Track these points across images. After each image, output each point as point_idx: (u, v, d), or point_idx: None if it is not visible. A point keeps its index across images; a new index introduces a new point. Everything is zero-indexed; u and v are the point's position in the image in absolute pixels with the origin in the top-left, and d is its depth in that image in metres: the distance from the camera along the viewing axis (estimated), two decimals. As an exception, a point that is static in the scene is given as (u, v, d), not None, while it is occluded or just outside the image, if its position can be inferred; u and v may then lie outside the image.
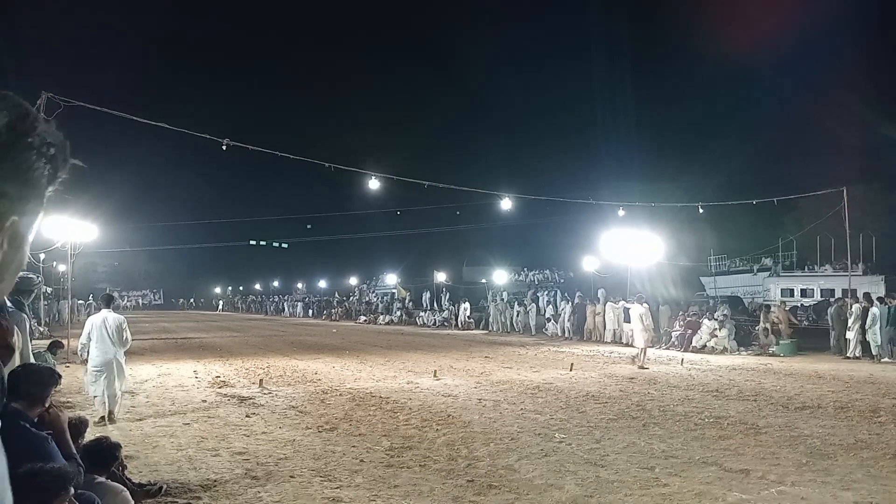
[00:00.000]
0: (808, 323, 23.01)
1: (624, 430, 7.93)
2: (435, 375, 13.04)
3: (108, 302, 8.99)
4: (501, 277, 40.06)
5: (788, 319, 19.70)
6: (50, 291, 35.14)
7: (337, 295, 55.35)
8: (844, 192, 19.54)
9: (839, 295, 22.83)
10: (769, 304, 25.61)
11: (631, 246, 23.40)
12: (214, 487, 5.58)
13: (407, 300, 44.74)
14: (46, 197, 0.84)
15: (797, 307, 24.02)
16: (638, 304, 15.97)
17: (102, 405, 8.33)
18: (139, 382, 12.13)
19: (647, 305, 16.04)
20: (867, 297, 18.04)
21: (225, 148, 13.49)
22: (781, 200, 24.00)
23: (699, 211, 23.79)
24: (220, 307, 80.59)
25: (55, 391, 4.00)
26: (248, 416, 8.85)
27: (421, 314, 39.31)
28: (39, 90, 12.09)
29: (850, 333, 17.72)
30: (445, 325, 35.37)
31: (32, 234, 0.85)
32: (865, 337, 17.22)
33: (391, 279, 52.62)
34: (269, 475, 5.93)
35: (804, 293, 27.70)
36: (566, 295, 28.67)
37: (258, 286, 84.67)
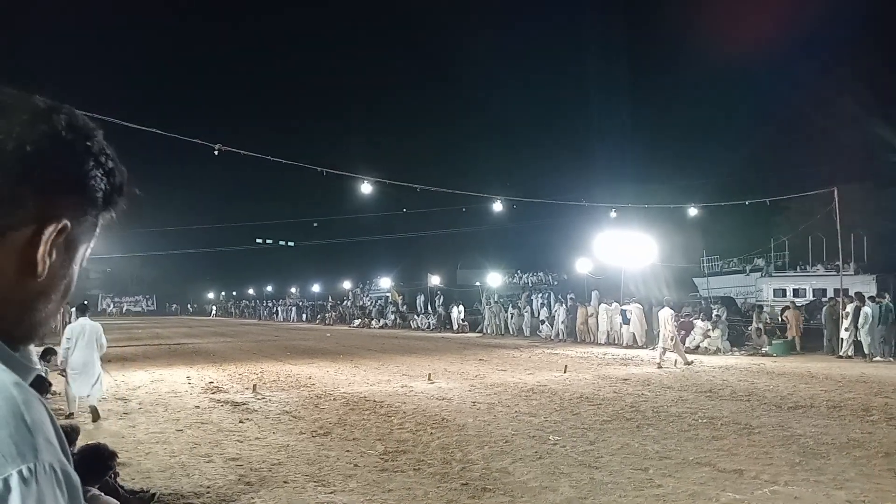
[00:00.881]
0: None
1: (618, 431, 7.94)
2: (429, 379, 13.03)
3: (83, 311, 10.06)
4: (495, 280, 40.10)
5: (798, 320, 19.74)
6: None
7: (331, 299, 55.23)
8: (835, 192, 19.65)
9: (831, 295, 22.94)
10: (761, 304, 25.74)
11: (624, 248, 23.53)
12: (207, 493, 5.56)
13: (401, 304, 44.69)
14: (101, 216, 0.79)
15: (788, 307, 24.10)
16: (667, 307, 16.77)
17: (76, 405, 9.19)
18: (132, 389, 12.08)
19: (673, 311, 16.89)
20: (859, 296, 18.14)
21: (217, 153, 13.45)
22: (773, 201, 24.13)
23: (691, 212, 23.89)
24: (213, 312, 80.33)
25: (45, 398, 3.96)
26: (241, 421, 8.82)
27: (415, 317, 39.27)
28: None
29: (843, 333, 17.82)
30: (440, 328, 35.36)
31: (85, 253, 0.79)
32: (858, 336, 17.32)
33: (385, 283, 52.56)
34: (262, 481, 5.91)
35: (796, 293, 27.80)
36: (560, 297, 28.69)
37: (251, 291, 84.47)
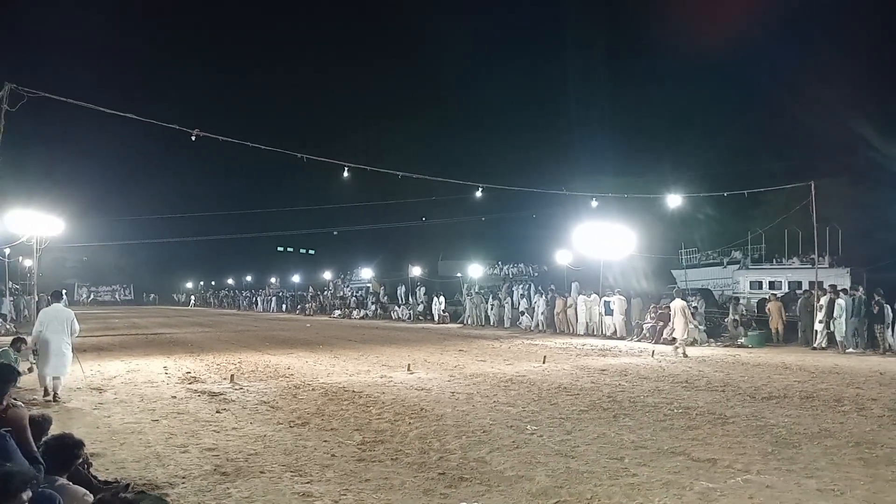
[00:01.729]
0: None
1: (595, 421, 8.00)
2: (409, 369, 13.03)
3: (57, 297, 10.82)
4: (476, 271, 40.17)
5: (781, 312, 20.00)
6: (16, 287, 34.38)
7: (311, 289, 54.99)
8: (812, 186, 19.91)
9: (806, 287, 23.27)
10: (738, 296, 26.04)
11: (603, 239, 23.68)
12: (183, 484, 5.51)
13: (382, 294, 44.63)
14: None
15: (765, 299, 24.41)
16: (679, 298, 17.54)
17: (50, 384, 9.77)
18: (107, 379, 11.95)
19: (685, 301, 17.66)
20: (833, 288, 18.43)
21: (194, 139, 13.29)
22: (751, 194, 24.33)
23: (670, 204, 24.07)
24: (192, 302, 79.57)
25: (14, 389, 3.91)
26: (218, 411, 8.76)
27: (396, 308, 39.26)
28: (2, 81, 11.80)
29: (817, 325, 18.10)
30: (420, 319, 35.38)
31: None
32: (831, 328, 17.61)
33: (366, 273, 52.45)
34: (238, 471, 5.88)
35: (772, 285, 28.13)
36: (540, 288, 28.84)
37: (231, 281, 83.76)
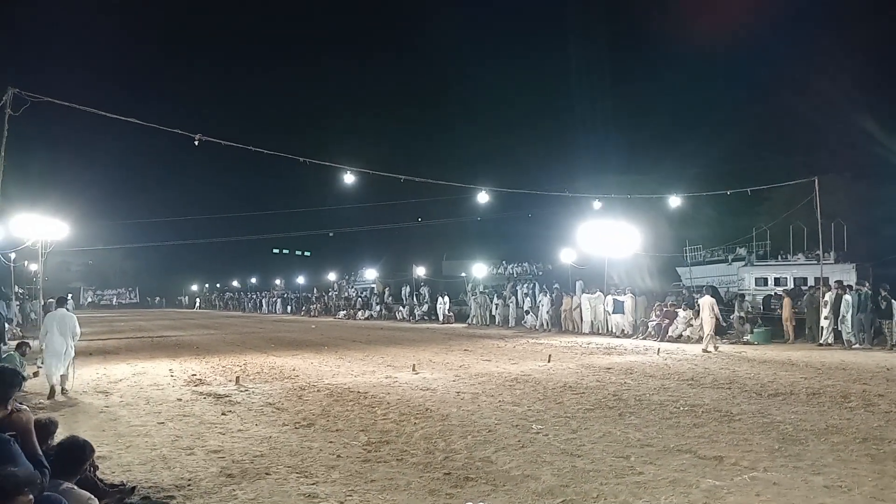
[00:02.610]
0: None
1: (600, 419, 7.99)
2: (414, 369, 13.03)
3: (62, 302, 11.34)
4: (480, 271, 40.19)
5: (791, 309, 19.94)
6: (22, 291, 34.48)
7: (316, 291, 55.06)
8: (816, 182, 19.85)
9: (812, 283, 23.20)
10: (743, 293, 25.99)
11: (608, 238, 23.64)
12: (189, 486, 5.51)
13: (386, 295, 44.65)
14: None
15: (770, 296, 24.36)
16: (708, 295, 17.94)
17: (56, 383, 10.47)
18: (113, 382, 11.97)
19: (713, 298, 18.00)
20: (839, 284, 18.36)
21: (197, 143, 13.32)
22: (755, 191, 24.29)
23: (674, 202, 24.02)
24: (197, 305, 79.74)
25: (19, 393, 3.92)
26: (224, 413, 8.77)
27: (400, 309, 39.26)
28: (6, 86, 11.83)
29: (822, 321, 18.04)
30: (425, 319, 35.38)
31: None
32: (837, 324, 17.54)
33: (370, 274, 52.50)
34: (244, 473, 5.88)
35: (777, 282, 28.08)
36: (544, 287, 28.82)
37: (235, 283, 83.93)
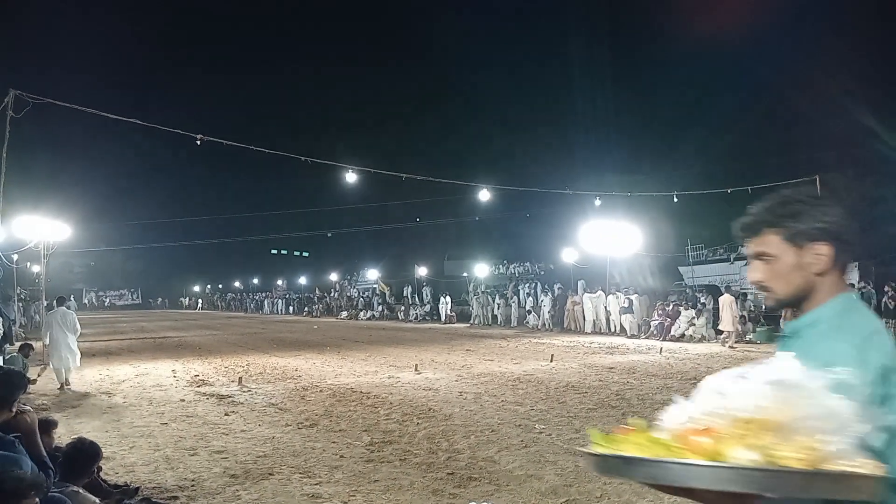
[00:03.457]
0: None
1: (603, 419, 7.99)
2: (416, 369, 13.04)
3: (61, 301, 12.54)
4: (482, 271, 40.13)
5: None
6: (25, 293, 34.53)
7: (318, 291, 55.05)
8: (817, 180, 19.82)
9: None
10: (746, 292, 25.93)
11: (609, 237, 23.63)
12: (192, 487, 5.52)
13: (388, 295, 44.64)
14: None
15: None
16: (727, 293, 18.65)
17: (60, 375, 11.37)
18: (116, 383, 11.99)
19: (733, 297, 18.70)
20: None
21: (199, 143, 13.33)
22: (756, 189, 24.22)
23: (675, 200, 24.00)
24: (199, 305, 79.79)
25: (23, 395, 3.92)
26: (226, 414, 8.78)
27: (402, 309, 39.27)
28: (7, 87, 11.86)
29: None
30: (427, 319, 35.38)
31: None
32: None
33: (372, 274, 52.45)
34: (247, 473, 5.89)
35: (780, 281, 28.04)
36: (546, 287, 28.81)
37: (238, 283, 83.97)
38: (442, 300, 34.21)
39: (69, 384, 11.35)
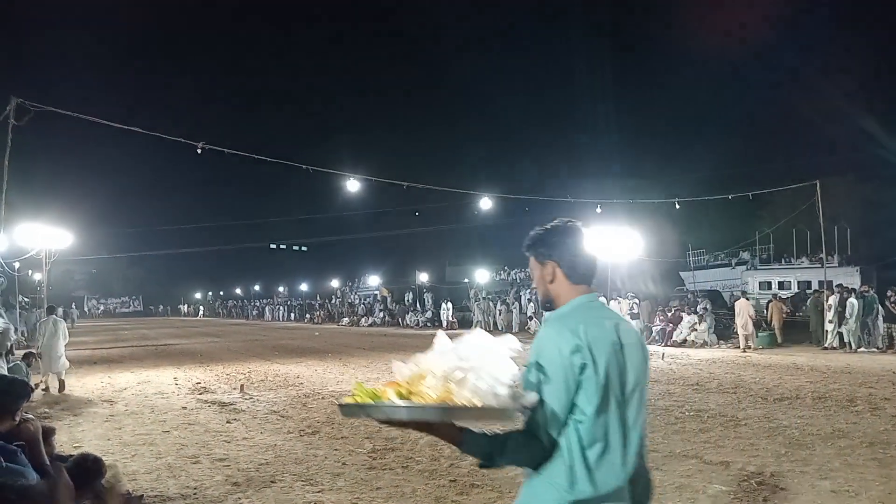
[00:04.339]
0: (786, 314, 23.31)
1: (606, 425, 7.96)
2: (417, 376, 13.00)
3: (51, 311, 13.60)
4: (484, 276, 40.13)
5: (781, 313, 19.93)
6: (26, 301, 34.51)
7: (319, 298, 55.04)
8: (817, 185, 19.81)
9: (816, 287, 23.15)
10: (748, 297, 25.91)
11: (610, 243, 23.61)
12: (194, 495, 5.51)
13: (389, 301, 44.61)
14: None
15: (771, 300, 24.32)
16: (743, 298, 19.39)
17: (53, 379, 12.19)
18: (118, 391, 11.98)
19: (748, 301, 19.48)
20: (842, 287, 18.32)
21: (200, 151, 13.34)
22: (757, 195, 24.24)
23: (676, 206, 24.01)
24: (200, 312, 79.75)
25: (28, 401, 3.92)
26: (228, 422, 8.77)
27: (404, 315, 39.22)
28: (9, 95, 11.89)
29: (827, 325, 17.98)
30: (429, 325, 35.34)
31: None
32: (842, 327, 17.49)
33: (373, 281, 52.43)
34: (249, 481, 5.88)
35: (781, 286, 28.00)
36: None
37: (239, 291, 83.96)
38: (443, 306, 34.18)
39: (64, 388, 12.02)
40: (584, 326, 1.83)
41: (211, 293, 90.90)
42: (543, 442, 1.77)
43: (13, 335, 12.24)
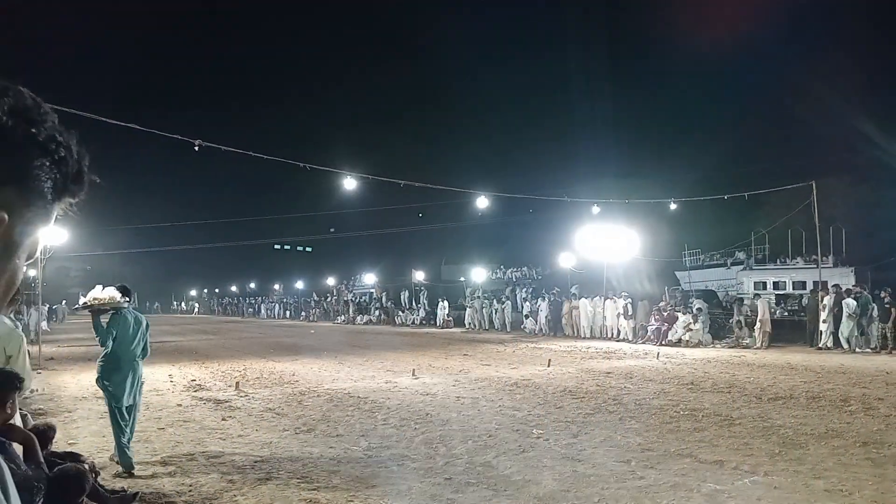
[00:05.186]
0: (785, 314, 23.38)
1: (601, 424, 7.99)
2: (413, 374, 13.02)
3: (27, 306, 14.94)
4: (479, 275, 40.13)
5: (765, 312, 19.94)
6: (20, 298, 34.37)
7: (314, 295, 54.99)
8: (813, 185, 19.87)
9: (811, 287, 23.22)
10: (742, 296, 25.98)
11: (606, 242, 23.66)
12: (189, 492, 5.51)
13: (385, 299, 44.60)
14: (53, 208, 0.77)
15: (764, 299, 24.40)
16: (763, 298, 20.63)
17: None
18: (113, 388, 11.94)
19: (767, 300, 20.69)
20: (837, 288, 18.39)
21: (197, 148, 13.28)
22: (753, 195, 24.29)
23: (672, 206, 24.04)
24: (195, 310, 79.62)
25: (19, 397, 3.90)
26: (224, 419, 8.77)
27: (400, 313, 39.23)
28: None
29: (821, 325, 18.05)
30: (424, 323, 35.35)
31: (29, 246, 0.76)
32: (837, 328, 17.56)
33: (369, 279, 52.40)
34: (245, 478, 5.88)
35: (776, 286, 28.10)
36: (543, 291, 28.82)
37: (234, 288, 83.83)
38: (439, 304, 34.18)
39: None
40: None
41: (206, 290, 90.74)
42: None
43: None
